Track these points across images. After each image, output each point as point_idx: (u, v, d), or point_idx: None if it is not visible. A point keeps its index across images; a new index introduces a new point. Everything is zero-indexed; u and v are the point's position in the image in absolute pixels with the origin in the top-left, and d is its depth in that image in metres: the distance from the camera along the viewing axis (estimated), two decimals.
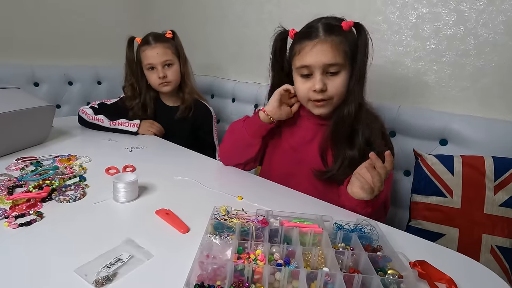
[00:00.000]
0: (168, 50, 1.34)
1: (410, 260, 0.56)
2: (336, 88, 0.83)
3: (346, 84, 0.84)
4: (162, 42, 1.34)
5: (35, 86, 1.70)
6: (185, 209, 0.74)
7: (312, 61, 0.82)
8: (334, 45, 0.80)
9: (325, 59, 0.80)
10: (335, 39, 0.80)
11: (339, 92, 0.84)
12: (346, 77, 0.83)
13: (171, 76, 1.35)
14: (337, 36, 0.81)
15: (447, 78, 1.17)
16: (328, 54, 0.80)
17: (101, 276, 0.52)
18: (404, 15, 1.23)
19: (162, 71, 1.33)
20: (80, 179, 0.85)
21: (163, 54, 1.32)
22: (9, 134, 0.94)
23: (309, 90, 0.85)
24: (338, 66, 0.81)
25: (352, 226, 0.62)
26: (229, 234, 0.60)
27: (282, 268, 0.49)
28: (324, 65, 0.81)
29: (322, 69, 0.82)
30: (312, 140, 0.95)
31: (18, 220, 0.66)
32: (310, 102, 0.88)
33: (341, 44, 0.80)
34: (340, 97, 0.85)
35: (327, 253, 0.55)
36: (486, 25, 1.07)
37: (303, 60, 0.83)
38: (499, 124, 1.05)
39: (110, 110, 1.38)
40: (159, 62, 1.32)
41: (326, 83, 0.83)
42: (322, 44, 0.80)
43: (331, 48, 0.80)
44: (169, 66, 1.35)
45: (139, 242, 0.61)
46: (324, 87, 0.82)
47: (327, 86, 0.83)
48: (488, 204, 0.94)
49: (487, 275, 0.59)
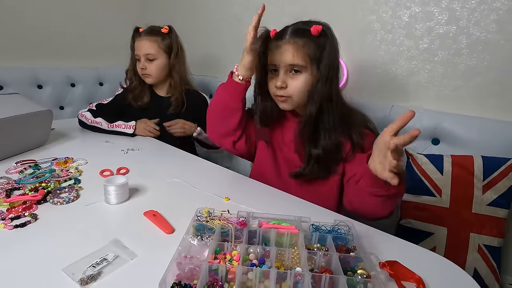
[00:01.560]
0: (154, 44, 1.39)
1: (381, 261, 0.57)
2: (294, 87, 0.88)
3: (307, 84, 0.88)
4: (150, 35, 1.39)
5: (39, 89, 1.75)
6: (172, 210, 0.77)
7: (277, 60, 0.88)
8: (296, 48, 0.85)
9: (287, 59, 0.86)
10: (298, 41, 0.85)
11: (297, 91, 0.89)
12: (307, 78, 0.88)
13: (150, 69, 1.41)
14: (301, 39, 0.86)
15: (439, 77, 1.17)
16: (289, 55, 0.86)
17: (86, 275, 0.55)
18: (397, 14, 1.23)
19: (143, 63, 1.40)
20: (75, 181, 0.89)
21: (147, 47, 1.38)
22: (8, 138, 0.98)
23: (273, 86, 0.91)
24: (299, 67, 0.87)
25: (329, 227, 0.64)
26: (210, 235, 0.62)
27: (254, 268, 0.52)
28: (286, 65, 0.87)
29: (285, 68, 0.88)
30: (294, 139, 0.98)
31: (14, 222, 0.69)
32: (276, 97, 0.94)
33: (304, 47, 0.85)
34: (300, 96, 0.90)
35: (301, 254, 0.57)
36: (478, 24, 1.07)
37: (271, 59, 0.90)
38: (491, 123, 1.05)
39: (108, 108, 1.42)
40: (142, 54, 1.39)
41: (286, 81, 0.89)
42: (285, 45, 0.86)
43: (293, 49, 0.85)
44: (151, 61, 1.40)
45: (125, 242, 0.64)
46: (283, 84, 0.88)
47: (287, 84, 0.89)
48: (476, 204, 0.95)
49: (459, 274, 0.60)
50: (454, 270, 0.61)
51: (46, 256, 0.60)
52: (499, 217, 0.94)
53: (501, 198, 0.93)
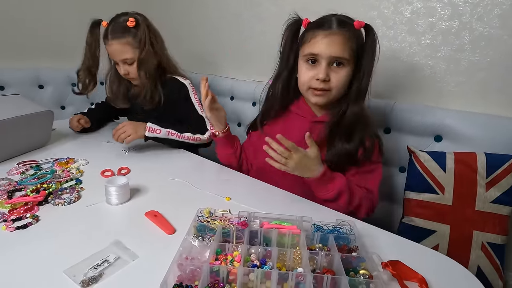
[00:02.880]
0: (126, 46, 1.20)
1: (384, 260, 0.57)
2: (338, 80, 0.86)
3: (348, 79, 0.87)
4: (119, 37, 1.19)
5: (40, 89, 1.75)
6: (173, 210, 0.77)
7: (321, 50, 0.85)
8: (344, 39, 0.83)
9: (333, 50, 0.84)
10: (345, 33, 0.84)
11: (339, 85, 0.87)
12: (349, 73, 0.87)
13: (133, 72, 1.24)
14: (348, 31, 0.84)
15: (442, 73, 1.16)
16: (337, 47, 0.83)
17: (87, 276, 0.55)
18: (398, 10, 1.22)
19: (123, 68, 1.24)
20: (76, 182, 0.89)
21: (120, 52, 1.20)
22: (9, 139, 0.98)
23: (312, 78, 0.88)
24: (344, 60, 0.85)
25: (330, 227, 0.64)
26: (212, 236, 0.62)
27: (256, 269, 0.51)
28: (331, 57, 0.85)
29: (329, 60, 0.85)
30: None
31: (16, 223, 0.70)
32: (310, 90, 0.91)
33: (350, 40, 0.84)
34: (339, 91, 0.88)
35: (303, 254, 0.57)
36: (481, 19, 1.06)
37: (313, 48, 0.86)
38: (494, 120, 1.04)
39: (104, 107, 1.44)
40: (118, 60, 1.23)
41: (329, 74, 0.86)
42: (333, 36, 0.84)
43: (341, 42, 0.83)
44: (130, 64, 1.23)
45: (126, 243, 0.64)
46: (327, 77, 0.86)
47: (330, 77, 0.86)
48: (480, 201, 0.94)
49: (462, 273, 0.59)
50: (457, 269, 0.61)
51: (48, 258, 0.60)
52: (503, 215, 0.93)
53: (504, 196, 0.92)
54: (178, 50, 1.48)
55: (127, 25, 1.21)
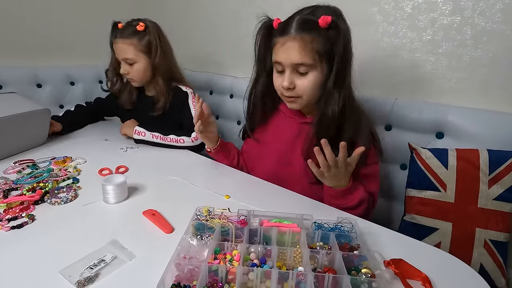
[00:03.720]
0: (130, 47, 1.24)
1: (386, 259, 0.56)
2: (303, 87, 0.82)
3: (317, 82, 0.81)
4: (125, 37, 1.24)
5: (38, 88, 1.74)
6: (171, 209, 0.76)
7: (282, 58, 0.81)
8: (304, 44, 0.77)
9: (293, 57, 0.79)
10: (305, 37, 0.77)
11: (307, 92, 0.83)
12: (317, 77, 0.81)
13: (132, 74, 1.28)
14: (309, 34, 0.77)
15: (444, 69, 1.15)
16: (296, 53, 0.78)
17: (83, 277, 0.54)
18: (399, 6, 1.20)
19: (124, 68, 1.27)
20: (73, 181, 0.88)
21: (123, 51, 1.25)
22: (6, 138, 0.97)
23: (280, 86, 0.85)
24: (307, 66, 0.79)
25: (331, 225, 0.63)
26: (210, 235, 0.61)
27: (255, 268, 0.50)
28: (293, 64, 0.80)
29: (291, 67, 0.81)
30: (296, 139, 0.94)
31: (11, 223, 0.68)
32: (282, 97, 0.88)
33: (312, 43, 0.77)
34: (310, 95, 0.84)
35: (303, 253, 0.55)
36: (483, 13, 1.04)
37: (276, 56, 0.83)
38: (497, 116, 1.02)
39: (103, 104, 1.47)
40: (121, 59, 1.27)
41: (293, 81, 0.82)
42: (292, 42, 0.78)
43: (300, 47, 0.77)
44: (130, 65, 1.27)
45: (123, 243, 0.63)
46: (291, 85, 0.82)
47: (295, 84, 0.82)
48: (482, 198, 0.93)
49: (466, 271, 0.58)
50: (461, 267, 0.60)
51: (43, 258, 0.59)
52: (505, 212, 0.91)
53: (507, 193, 0.91)
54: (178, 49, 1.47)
55: (136, 29, 1.26)
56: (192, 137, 1.23)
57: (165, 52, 1.32)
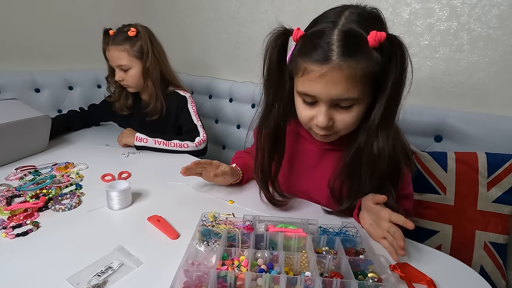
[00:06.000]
0: (123, 53, 1.24)
1: (391, 263, 0.57)
2: (344, 124, 0.67)
3: (361, 115, 0.66)
4: (117, 44, 1.24)
5: (36, 92, 1.73)
6: (176, 215, 0.76)
7: (318, 91, 0.63)
8: (351, 76, 0.59)
9: (335, 92, 0.61)
10: (353, 66, 0.58)
11: (348, 127, 0.68)
12: (362, 109, 0.65)
13: (127, 80, 1.28)
14: (358, 61, 0.58)
15: (441, 74, 1.17)
16: (341, 88, 0.60)
17: (91, 284, 0.54)
18: (397, 11, 1.22)
19: (119, 74, 1.28)
20: (76, 187, 0.87)
21: (116, 58, 1.25)
22: (7, 144, 0.97)
23: (311, 120, 0.68)
24: (352, 100, 0.63)
25: (336, 230, 0.64)
26: (217, 240, 0.61)
27: (264, 274, 0.51)
28: (333, 100, 0.63)
29: (330, 102, 0.64)
30: (316, 166, 0.83)
31: (16, 231, 0.68)
32: (312, 131, 0.73)
33: (361, 70, 0.59)
34: (349, 129, 0.69)
35: (310, 257, 0.56)
36: (479, 19, 1.06)
37: (307, 88, 0.64)
38: (494, 119, 1.04)
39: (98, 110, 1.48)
40: (115, 65, 1.27)
41: (333, 117, 0.66)
42: (335, 73, 0.59)
43: (346, 80, 0.59)
44: (125, 71, 1.27)
45: (130, 249, 0.63)
46: (329, 122, 0.66)
47: (334, 120, 0.66)
48: (481, 201, 0.94)
49: (469, 274, 0.59)
50: (464, 270, 0.61)
51: (50, 266, 0.59)
52: (504, 214, 0.93)
53: (506, 195, 0.93)
54: (177, 53, 1.48)
55: (128, 34, 1.25)
56: (196, 141, 1.24)
57: (157, 56, 1.31)
